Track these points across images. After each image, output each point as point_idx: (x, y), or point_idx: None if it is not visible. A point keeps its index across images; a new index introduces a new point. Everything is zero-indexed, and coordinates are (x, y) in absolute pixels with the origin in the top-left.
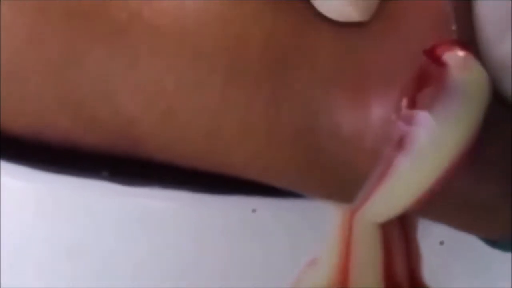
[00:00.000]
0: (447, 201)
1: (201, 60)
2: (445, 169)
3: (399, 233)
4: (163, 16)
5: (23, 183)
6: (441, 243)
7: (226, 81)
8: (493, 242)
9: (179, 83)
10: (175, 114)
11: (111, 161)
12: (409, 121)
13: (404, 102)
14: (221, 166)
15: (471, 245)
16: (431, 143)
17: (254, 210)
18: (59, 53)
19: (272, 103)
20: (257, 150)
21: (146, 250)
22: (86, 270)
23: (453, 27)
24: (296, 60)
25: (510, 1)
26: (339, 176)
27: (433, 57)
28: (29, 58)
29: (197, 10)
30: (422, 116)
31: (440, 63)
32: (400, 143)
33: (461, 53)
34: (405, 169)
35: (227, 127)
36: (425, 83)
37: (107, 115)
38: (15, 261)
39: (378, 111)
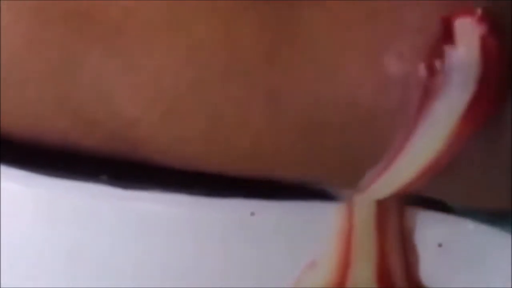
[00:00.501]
0: (457, 175)
1: (198, 56)
2: (451, 139)
3: (395, 233)
4: (157, 14)
5: (21, 187)
6: (439, 245)
7: (224, 76)
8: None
9: (176, 81)
10: (174, 113)
11: (109, 164)
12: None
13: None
14: (221, 164)
15: (469, 247)
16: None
17: (252, 213)
18: (56, 56)
19: (275, 89)
20: (259, 144)
21: (145, 253)
22: (85, 273)
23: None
24: (293, 41)
25: None
26: (351, 151)
27: (447, 24)
28: (27, 61)
29: (190, 6)
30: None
31: (448, 32)
32: (421, 107)
33: (474, 21)
34: (428, 135)
35: (227, 123)
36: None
37: (106, 117)
38: (15, 264)
39: (396, 72)
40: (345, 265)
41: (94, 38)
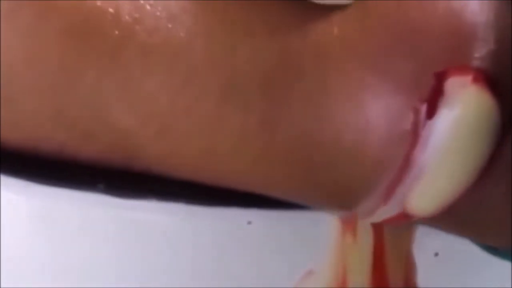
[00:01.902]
0: (455, 210)
1: (194, 79)
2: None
3: (392, 242)
4: (156, 35)
5: (18, 196)
6: (436, 254)
7: (220, 99)
8: (494, 250)
9: (173, 101)
10: (169, 131)
11: (107, 173)
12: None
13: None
14: (216, 179)
15: (465, 257)
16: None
17: (249, 222)
18: (54, 72)
19: (268, 120)
20: (253, 165)
21: (142, 261)
22: (83, 282)
23: (476, 54)
24: (287, 74)
25: None
26: (340, 185)
27: (439, 80)
28: (25, 77)
29: (188, 29)
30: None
31: (439, 89)
32: (416, 137)
33: (467, 81)
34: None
35: (222, 144)
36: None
37: (102, 130)
38: (12, 272)
39: (379, 110)
40: (343, 273)
41: (91, 57)
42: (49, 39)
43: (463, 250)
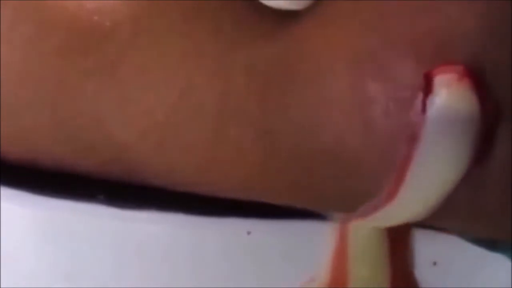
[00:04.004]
0: (452, 204)
1: (190, 94)
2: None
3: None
4: (152, 50)
5: (19, 207)
6: (434, 263)
7: (216, 112)
8: (493, 245)
9: (170, 116)
10: (167, 145)
11: (106, 185)
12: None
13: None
14: (216, 191)
15: (464, 266)
16: (444, 147)
17: (249, 232)
18: (52, 88)
19: (266, 127)
20: (253, 176)
21: (142, 272)
22: None
23: (464, 51)
24: (282, 81)
25: None
26: (342, 190)
27: (428, 79)
28: (24, 90)
29: (184, 44)
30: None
31: (430, 86)
32: (413, 137)
33: (454, 79)
34: (422, 173)
35: (221, 157)
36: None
37: (101, 144)
38: (14, 284)
39: (380, 109)
40: (342, 283)
41: (89, 72)
42: (48, 55)
43: (462, 259)
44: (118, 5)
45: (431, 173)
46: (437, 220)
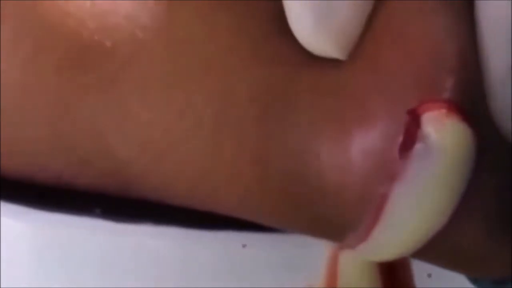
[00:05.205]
0: (432, 245)
1: (189, 112)
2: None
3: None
4: (152, 68)
5: (15, 221)
6: (429, 275)
7: (214, 131)
8: (475, 279)
9: (167, 133)
10: (164, 160)
11: (103, 198)
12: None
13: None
14: (211, 206)
15: (459, 277)
16: (433, 183)
17: (244, 245)
18: (51, 103)
19: (261, 152)
20: (247, 194)
21: (138, 285)
22: None
23: (447, 84)
24: (281, 108)
25: None
26: (327, 221)
27: (414, 116)
28: (23, 107)
29: (186, 62)
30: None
31: (417, 124)
32: (393, 176)
33: (442, 115)
34: (404, 203)
35: (216, 173)
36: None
37: (99, 158)
38: None
39: (360, 148)
40: None
41: (88, 88)
42: (47, 71)
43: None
44: (119, 25)
45: (410, 213)
46: (420, 256)
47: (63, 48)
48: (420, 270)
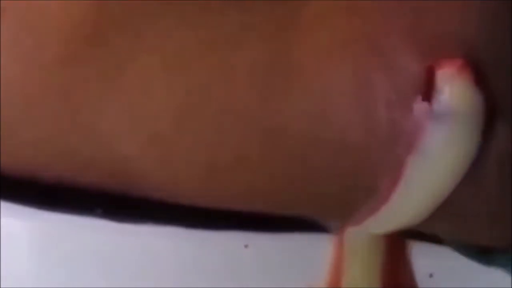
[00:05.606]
0: (447, 208)
1: (195, 99)
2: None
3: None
4: (156, 57)
5: (17, 221)
6: (431, 275)
7: (219, 115)
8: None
9: (173, 122)
10: (171, 153)
11: (104, 198)
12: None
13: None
14: (217, 202)
15: (460, 277)
16: (446, 144)
17: (246, 246)
18: (53, 100)
19: (268, 133)
20: (254, 182)
21: (140, 285)
22: None
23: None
24: (285, 78)
25: None
26: (339, 194)
27: (429, 75)
28: (25, 105)
29: (188, 47)
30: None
31: (430, 82)
32: (411, 143)
33: (455, 72)
34: (420, 172)
35: (224, 163)
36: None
37: (103, 157)
38: None
39: (383, 110)
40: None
41: (92, 80)
42: (49, 67)
43: (458, 270)
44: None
45: (430, 174)
46: (426, 222)
47: (65, 39)
48: (422, 270)
